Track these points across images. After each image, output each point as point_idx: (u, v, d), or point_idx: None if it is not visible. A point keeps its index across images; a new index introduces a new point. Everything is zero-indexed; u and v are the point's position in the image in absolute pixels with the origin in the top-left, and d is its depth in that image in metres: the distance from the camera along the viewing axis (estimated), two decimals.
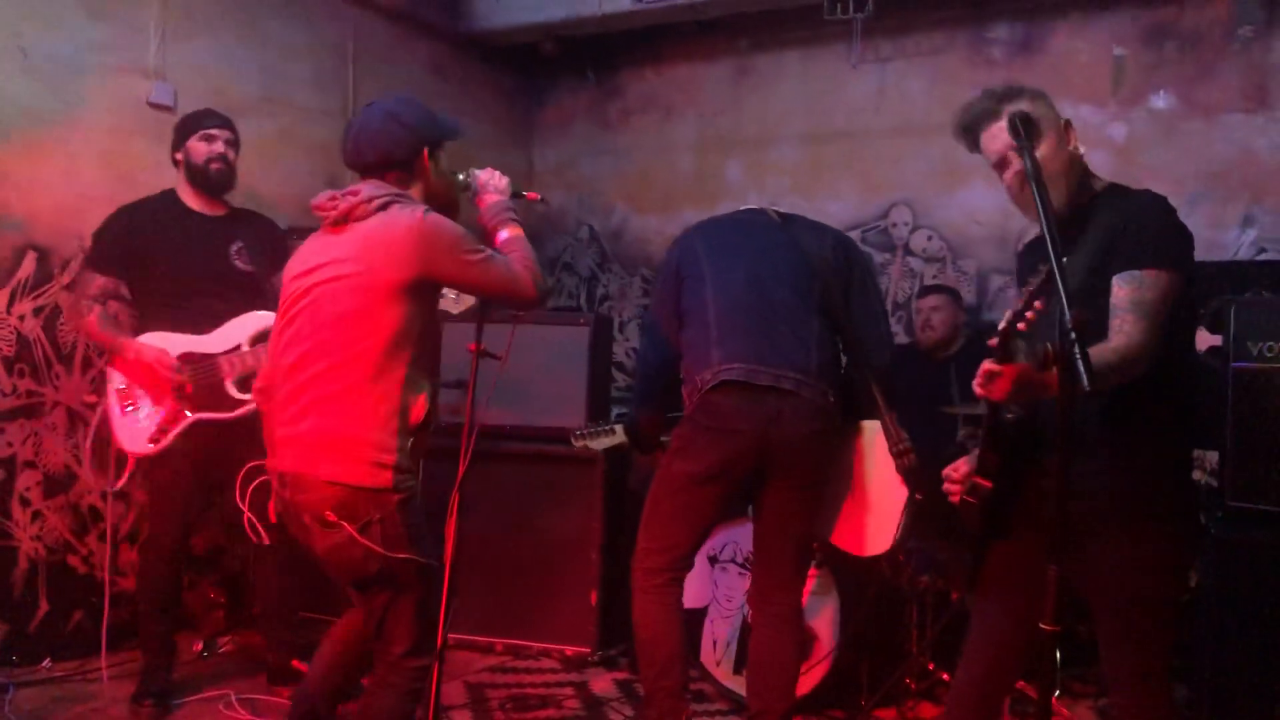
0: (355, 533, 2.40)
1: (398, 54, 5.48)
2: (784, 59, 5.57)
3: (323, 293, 2.48)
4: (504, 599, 4.28)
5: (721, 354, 3.04)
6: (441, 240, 2.47)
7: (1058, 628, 1.75)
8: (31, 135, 3.97)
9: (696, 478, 3.07)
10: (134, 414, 3.58)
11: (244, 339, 3.59)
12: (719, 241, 3.24)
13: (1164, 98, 4.68)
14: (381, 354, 2.43)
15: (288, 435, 2.50)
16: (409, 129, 2.58)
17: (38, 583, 4.00)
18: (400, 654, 2.51)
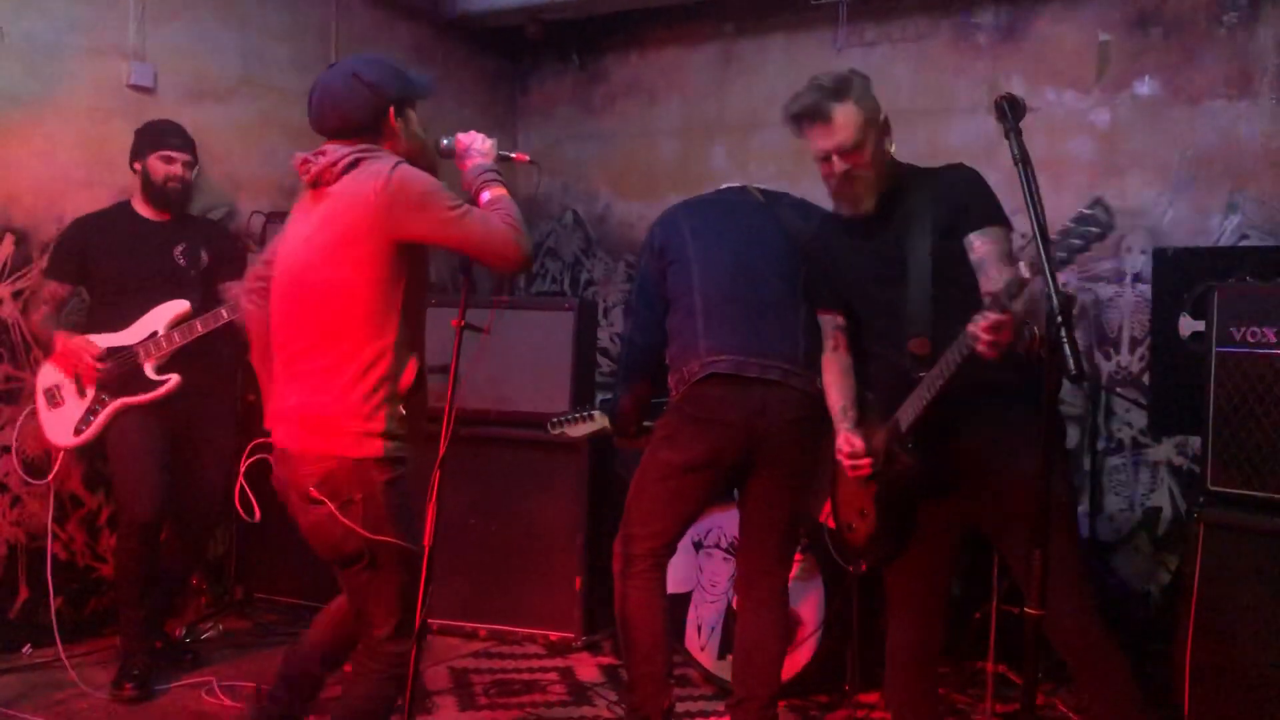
0: (335, 510, 2.37)
1: (380, 36, 5.43)
2: (768, 44, 5.54)
3: (304, 263, 2.44)
4: (488, 584, 4.27)
5: (709, 345, 3.02)
6: (411, 196, 2.35)
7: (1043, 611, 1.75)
8: (9, 117, 3.92)
9: (684, 467, 3.06)
10: (59, 408, 3.70)
11: (160, 325, 3.71)
12: (703, 224, 3.19)
13: (1148, 84, 4.67)
14: (364, 321, 2.38)
15: (278, 410, 2.50)
16: (372, 88, 2.45)
17: (17, 569, 3.97)
18: (381, 637, 2.50)
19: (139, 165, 3.82)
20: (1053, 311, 1.73)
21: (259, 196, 4.78)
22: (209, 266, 3.87)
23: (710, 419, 3.00)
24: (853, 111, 2.53)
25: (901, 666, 2.71)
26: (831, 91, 2.54)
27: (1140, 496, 4.63)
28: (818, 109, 2.54)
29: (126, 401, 3.65)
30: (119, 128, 4.22)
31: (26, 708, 3.40)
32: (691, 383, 3.03)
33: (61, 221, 4.05)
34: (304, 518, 2.45)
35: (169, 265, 3.80)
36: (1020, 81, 4.88)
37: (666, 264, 3.16)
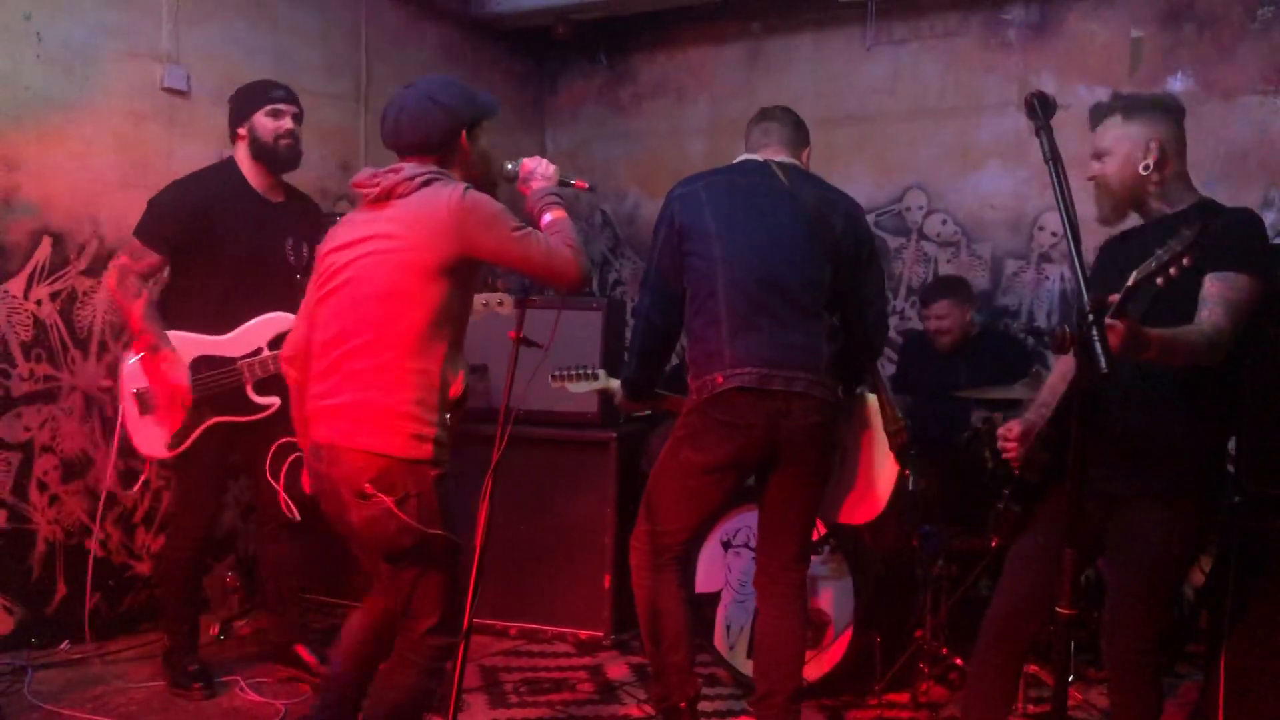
0: (393, 505, 2.42)
1: (409, 37, 5.47)
2: (797, 42, 5.53)
3: (364, 267, 2.50)
4: (518, 583, 4.29)
5: (733, 354, 2.98)
6: (481, 216, 2.47)
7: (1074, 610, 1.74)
8: (46, 120, 3.97)
9: (706, 468, 3.06)
10: (151, 417, 3.56)
11: (264, 342, 3.54)
12: (728, 214, 3.06)
13: (1182, 80, 4.63)
14: (424, 330, 2.46)
15: (325, 408, 2.53)
16: (446, 111, 2.57)
17: (55, 566, 4.02)
18: (425, 630, 2.54)
19: (244, 130, 3.58)
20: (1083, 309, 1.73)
21: None
22: (308, 266, 3.60)
23: (734, 423, 2.99)
24: (1116, 124, 2.63)
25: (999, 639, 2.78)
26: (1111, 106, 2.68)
27: None
28: (1094, 118, 2.70)
29: (223, 420, 3.54)
30: (153, 130, 4.29)
31: (65, 703, 3.45)
32: (715, 391, 3.00)
33: (97, 223, 4.10)
34: (356, 513, 2.48)
35: (279, 259, 3.62)
36: (1051, 78, 4.86)
37: (686, 249, 3.07)
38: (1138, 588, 2.61)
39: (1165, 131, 2.61)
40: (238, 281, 3.55)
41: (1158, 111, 2.64)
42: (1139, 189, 2.63)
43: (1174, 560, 2.62)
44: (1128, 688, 2.67)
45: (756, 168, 3.18)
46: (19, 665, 3.72)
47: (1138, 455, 2.57)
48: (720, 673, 3.90)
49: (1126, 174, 2.61)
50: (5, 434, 3.91)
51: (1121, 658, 2.66)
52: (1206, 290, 2.43)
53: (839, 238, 3.09)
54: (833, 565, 3.71)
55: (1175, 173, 2.64)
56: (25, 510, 3.97)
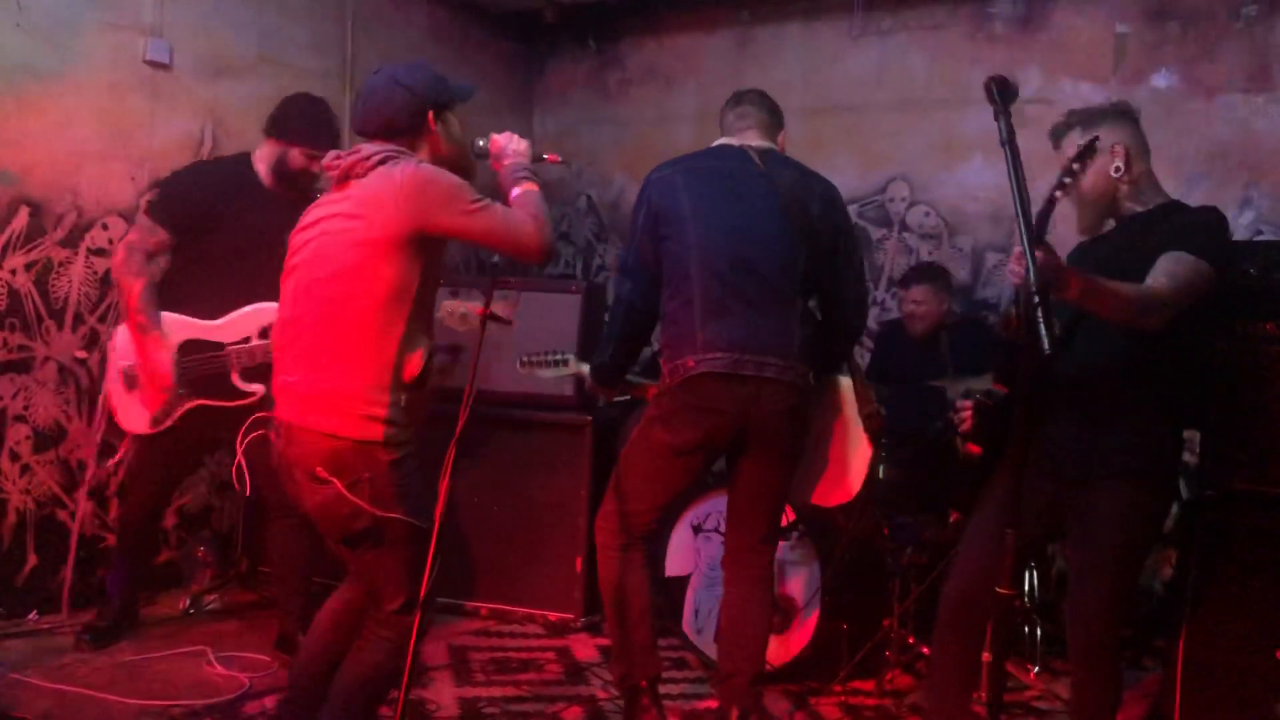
0: (343, 489, 2.41)
1: (397, 17, 5.46)
2: (785, 31, 5.53)
3: (319, 247, 2.49)
4: (490, 564, 4.30)
5: (705, 339, 2.98)
6: (435, 190, 2.44)
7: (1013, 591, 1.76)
8: (26, 90, 3.95)
9: (676, 449, 3.07)
10: (137, 394, 3.60)
11: (253, 331, 3.58)
12: (703, 198, 3.06)
13: (1165, 76, 4.64)
14: (379, 308, 2.44)
15: (281, 385, 2.54)
16: (412, 93, 2.55)
17: (26, 536, 4.02)
18: (391, 611, 2.54)
19: (279, 146, 3.63)
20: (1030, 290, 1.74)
21: None
22: None
23: (706, 407, 3.00)
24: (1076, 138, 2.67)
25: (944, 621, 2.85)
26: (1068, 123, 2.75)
27: None
28: (1054, 137, 2.77)
29: (206, 403, 3.56)
30: (134, 103, 4.28)
31: (32, 672, 3.45)
32: (687, 375, 3.01)
33: (76, 194, 4.10)
34: (311, 497, 2.48)
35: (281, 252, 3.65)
36: (1037, 72, 4.86)
37: (662, 234, 3.08)
38: (1099, 569, 2.65)
39: (1127, 135, 2.72)
40: (237, 270, 3.56)
41: (1115, 117, 2.74)
42: (1113, 193, 2.71)
43: (1135, 541, 2.67)
44: (1088, 670, 2.71)
45: (733, 153, 3.17)
46: None
47: (1096, 436, 2.62)
48: (688, 656, 3.92)
49: (1100, 182, 2.69)
50: None
51: (1082, 640, 2.69)
52: (1158, 264, 2.51)
53: (815, 221, 3.09)
54: (801, 551, 3.73)
55: (1142, 173, 2.74)
56: None
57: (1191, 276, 2.49)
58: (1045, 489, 2.66)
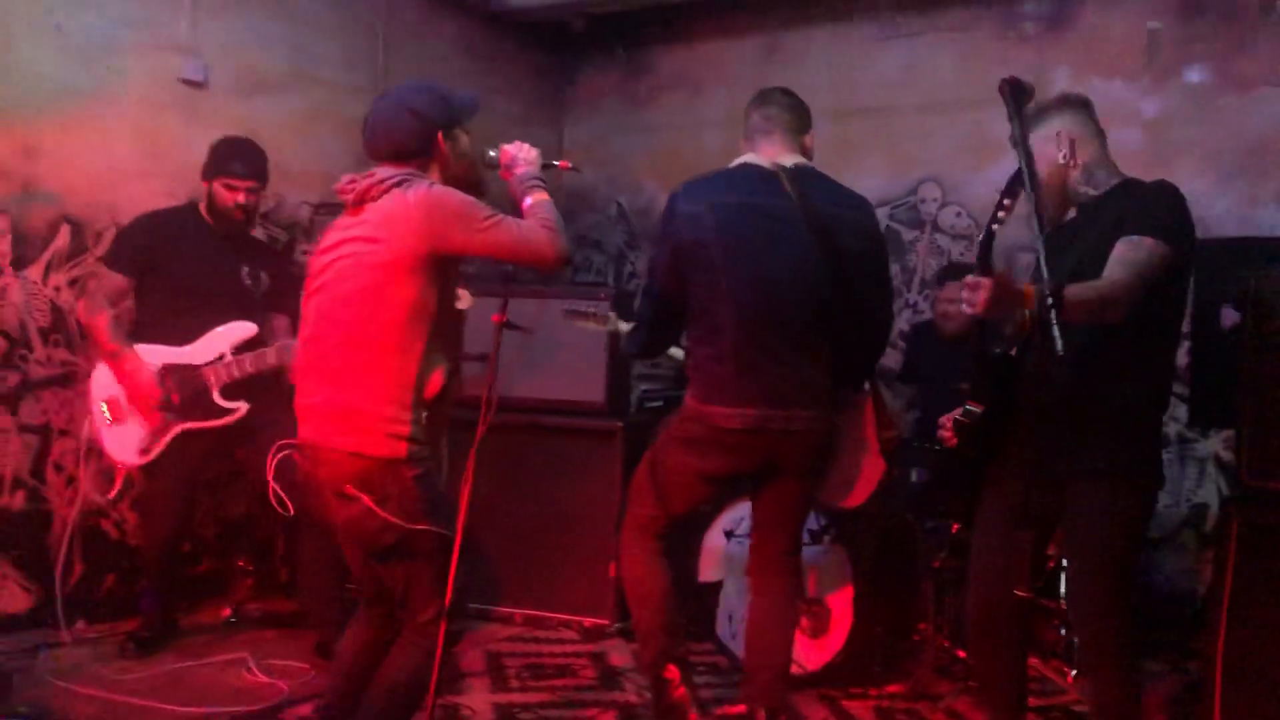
0: (373, 504, 2.45)
1: (427, 31, 5.52)
2: (813, 35, 5.53)
3: (339, 270, 2.53)
4: (524, 571, 4.34)
5: (736, 393, 2.97)
6: (448, 210, 2.49)
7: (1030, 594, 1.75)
8: (66, 111, 4.05)
9: (704, 474, 3.12)
10: (121, 424, 3.74)
11: (227, 348, 3.73)
12: (736, 244, 2.96)
13: (1198, 72, 4.59)
14: (398, 329, 2.48)
15: (305, 407, 2.58)
16: (420, 117, 2.59)
17: (73, 547, 4.10)
18: (424, 622, 2.57)
19: (206, 184, 3.84)
20: (1042, 292, 1.74)
21: (308, 188, 4.89)
22: (267, 292, 3.94)
23: (732, 446, 3.03)
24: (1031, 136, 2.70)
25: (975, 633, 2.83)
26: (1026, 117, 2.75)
27: (1187, 492, 4.56)
28: None
29: (192, 426, 3.71)
30: (171, 121, 4.37)
31: (78, 680, 3.53)
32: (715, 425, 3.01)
33: (115, 211, 4.18)
34: (340, 514, 2.52)
35: (235, 283, 3.85)
36: (1067, 71, 4.83)
37: (690, 277, 3.02)
38: (1091, 568, 2.65)
39: (1068, 121, 2.77)
40: (195, 304, 3.77)
41: (1060, 106, 2.81)
42: (1063, 180, 2.77)
43: (1121, 537, 2.65)
44: (1094, 671, 2.71)
45: (763, 180, 3.05)
46: (34, 643, 3.81)
47: (1077, 433, 2.63)
48: (721, 660, 3.92)
49: (1050, 171, 2.74)
50: (25, 417, 4.01)
51: (1086, 640, 2.70)
52: (1114, 252, 2.53)
53: (847, 252, 3.02)
54: (833, 556, 3.72)
55: (1093, 158, 2.77)
56: (43, 492, 4.06)
57: (1146, 259, 2.51)
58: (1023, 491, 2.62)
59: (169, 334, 3.75)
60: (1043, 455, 2.62)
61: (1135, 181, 2.74)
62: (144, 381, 3.67)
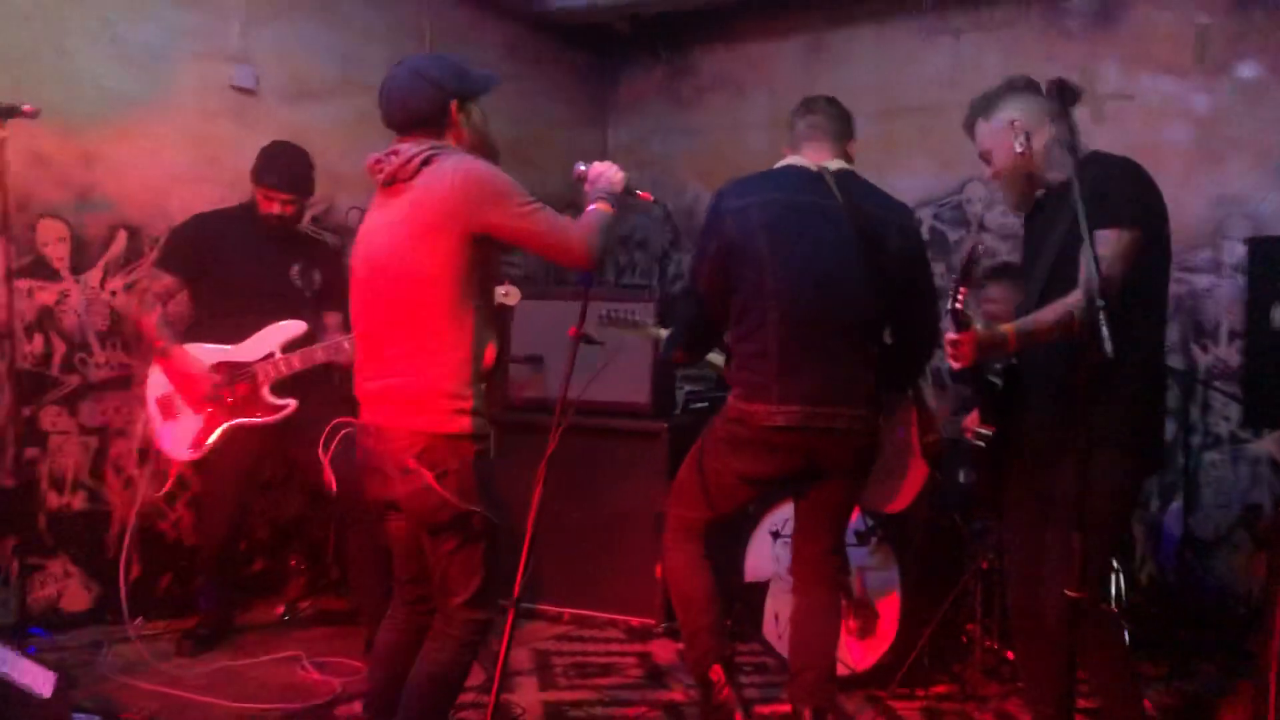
0: (433, 480, 2.50)
1: (473, 35, 5.57)
2: (857, 34, 5.52)
3: (385, 254, 2.56)
4: (572, 570, 4.37)
5: (780, 392, 2.96)
6: (487, 188, 2.51)
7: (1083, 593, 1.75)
8: (122, 119, 4.14)
9: (745, 476, 3.13)
10: (174, 421, 3.81)
11: (276, 346, 3.80)
12: (783, 241, 2.97)
13: (1250, 67, 4.53)
14: (450, 308, 2.52)
15: (369, 391, 2.63)
16: (434, 84, 2.59)
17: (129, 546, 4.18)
18: (459, 604, 2.61)
19: (253, 189, 3.91)
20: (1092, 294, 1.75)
21: (357, 192, 4.93)
22: (319, 290, 4.00)
23: (776, 447, 3.03)
24: (981, 127, 2.85)
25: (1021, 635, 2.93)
26: (970, 114, 2.88)
27: (1239, 493, 4.50)
28: (966, 127, 2.90)
29: (243, 422, 3.78)
30: (223, 127, 4.45)
31: (139, 676, 3.61)
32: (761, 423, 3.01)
33: (169, 217, 4.27)
34: (401, 488, 2.56)
35: (284, 283, 3.91)
36: (1115, 67, 4.79)
37: (736, 272, 3.02)
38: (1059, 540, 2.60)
39: (1017, 109, 2.80)
40: (246, 303, 3.84)
41: (1006, 96, 2.84)
42: (1023, 168, 2.80)
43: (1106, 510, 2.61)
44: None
45: (809, 180, 3.07)
46: (96, 640, 3.90)
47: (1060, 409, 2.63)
48: (769, 661, 3.92)
49: (1010, 160, 2.79)
50: (85, 418, 4.11)
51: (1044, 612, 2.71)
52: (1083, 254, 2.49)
53: (892, 256, 3.03)
54: (880, 556, 3.72)
55: (1048, 141, 2.77)
56: (102, 492, 4.16)
57: (1117, 250, 2.51)
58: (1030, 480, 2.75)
59: (221, 334, 3.83)
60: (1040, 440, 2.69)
61: (1094, 159, 2.70)
62: (193, 375, 3.75)
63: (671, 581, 3.26)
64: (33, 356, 3.92)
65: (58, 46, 3.94)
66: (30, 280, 3.90)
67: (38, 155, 3.88)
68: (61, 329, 4.03)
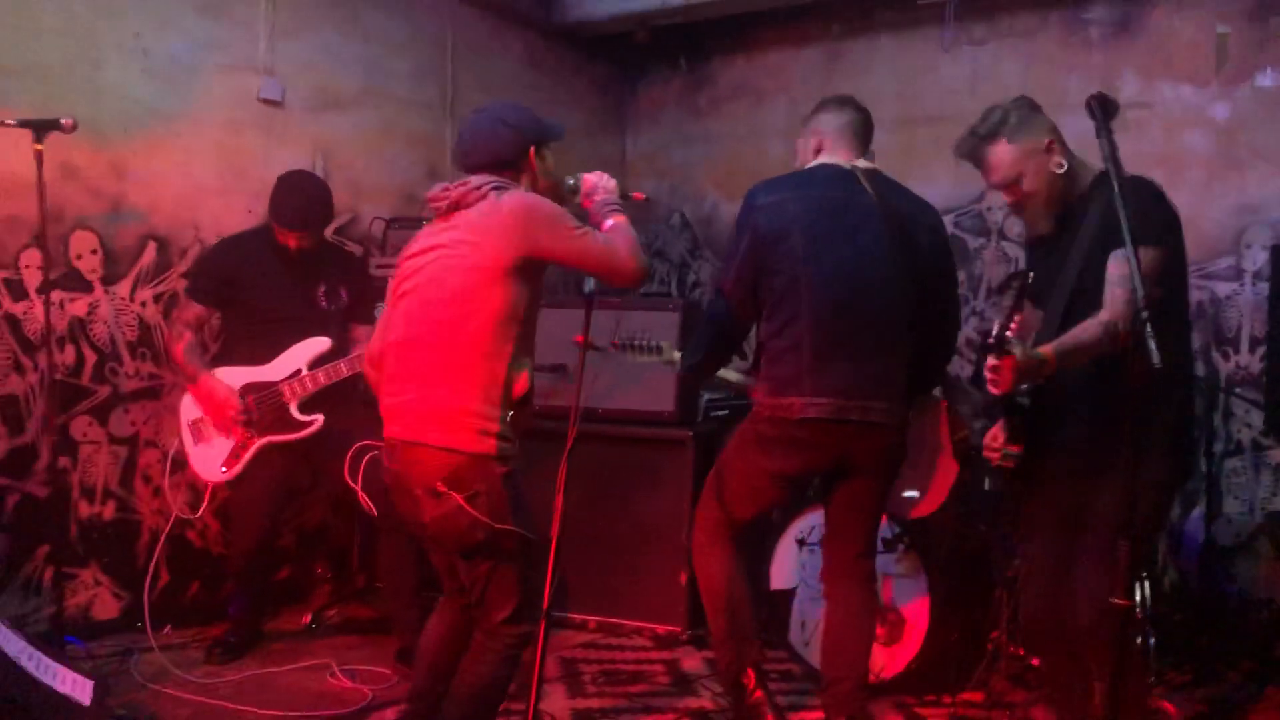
0: (463, 502, 2.53)
1: (494, 46, 5.61)
2: (876, 43, 5.55)
3: (434, 273, 2.63)
4: (597, 578, 4.39)
5: (814, 384, 3.00)
6: (542, 215, 2.61)
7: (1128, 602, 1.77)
8: (151, 131, 4.19)
9: (774, 474, 3.16)
10: (205, 444, 3.89)
11: (303, 364, 3.87)
12: (817, 233, 3.02)
13: (1270, 75, 4.54)
14: (491, 331, 2.58)
15: (395, 405, 2.67)
16: (515, 129, 2.73)
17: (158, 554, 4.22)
18: (500, 621, 2.65)
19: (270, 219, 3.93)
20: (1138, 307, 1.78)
21: (380, 202, 5.00)
22: (346, 306, 4.04)
23: (807, 442, 3.06)
24: (1005, 150, 2.75)
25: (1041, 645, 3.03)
26: (983, 136, 2.78)
27: (1261, 500, 4.51)
28: (972, 155, 2.80)
29: (272, 440, 3.85)
30: (250, 139, 4.49)
31: (169, 683, 3.65)
32: (792, 416, 3.04)
33: (198, 228, 4.31)
34: (430, 511, 2.60)
35: (310, 305, 3.96)
36: (1134, 76, 4.80)
37: (770, 266, 3.06)
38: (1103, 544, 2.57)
39: (1046, 130, 2.76)
40: (273, 325, 3.91)
41: (1029, 114, 2.79)
42: (1061, 188, 2.75)
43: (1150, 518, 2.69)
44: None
45: (842, 177, 3.12)
46: (125, 648, 3.94)
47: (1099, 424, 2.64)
48: (795, 668, 3.94)
49: (1048, 181, 2.73)
50: (114, 428, 4.14)
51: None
52: (1108, 272, 2.54)
53: (923, 254, 3.09)
54: (907, 564, 3.74)
55: (1072, 159, 2.78)
56: (131, 501, 4.20)
57: (1151, 267, 2.49)
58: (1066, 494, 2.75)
59: (249, 357, 3.91)
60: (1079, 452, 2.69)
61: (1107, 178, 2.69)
62: (221, 400, 3.81)
63: (703, 587, 3.30)
64: (64, 367, 3.96)
65: (90, 60, 3.99)
66: (62, 292, 3.94)
67: (70, 168, 3.93)
68: (92, 339, 4.07)
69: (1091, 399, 2.63)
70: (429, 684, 2.84)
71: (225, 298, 3.95)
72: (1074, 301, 2.67)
